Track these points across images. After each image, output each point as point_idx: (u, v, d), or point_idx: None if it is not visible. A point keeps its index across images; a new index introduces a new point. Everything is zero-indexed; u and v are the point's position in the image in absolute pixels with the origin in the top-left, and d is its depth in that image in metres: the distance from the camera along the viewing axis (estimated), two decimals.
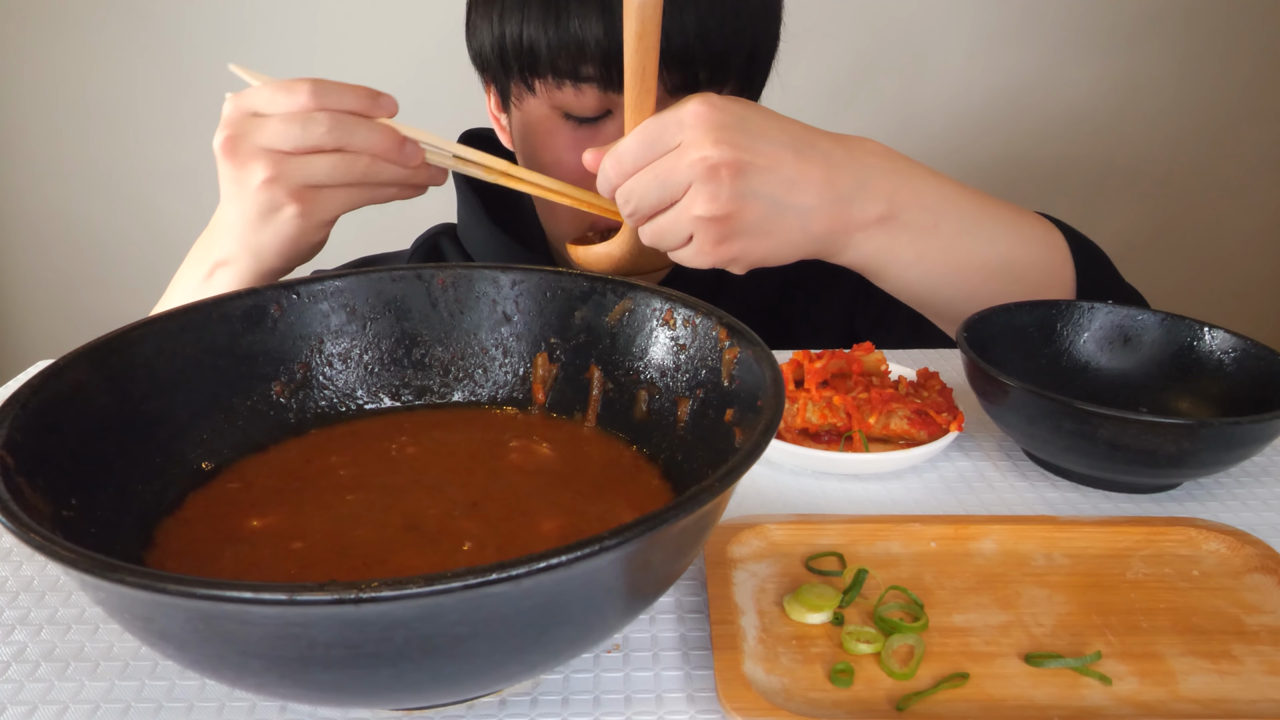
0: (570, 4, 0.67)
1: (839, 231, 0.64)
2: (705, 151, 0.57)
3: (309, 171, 0.61)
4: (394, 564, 0.39)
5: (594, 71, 0.68)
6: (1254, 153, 1.72)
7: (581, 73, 0.69)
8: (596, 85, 0.69)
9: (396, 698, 0.33)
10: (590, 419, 0.50)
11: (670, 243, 0.62)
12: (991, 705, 0.39)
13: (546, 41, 0.69)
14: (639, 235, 0.63)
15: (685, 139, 0.58)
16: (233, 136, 0.62)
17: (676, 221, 0.60)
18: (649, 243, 0.63)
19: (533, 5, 0.69)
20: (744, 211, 0.59)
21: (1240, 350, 0.60)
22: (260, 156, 0.61)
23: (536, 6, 0.69)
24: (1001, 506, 0.54)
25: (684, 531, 0.32)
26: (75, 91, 1.60)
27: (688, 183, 0.58)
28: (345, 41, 1.58)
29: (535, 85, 0.72)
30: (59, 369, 0.40)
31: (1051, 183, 1.70)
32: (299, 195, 0.62)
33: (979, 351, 0.57)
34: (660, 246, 0.63)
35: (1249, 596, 0.46)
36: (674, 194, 0.59)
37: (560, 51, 0.68)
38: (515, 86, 0.74)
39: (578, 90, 0.70)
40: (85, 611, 0.44)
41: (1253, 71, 1.66)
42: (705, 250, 0.61)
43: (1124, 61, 1.63)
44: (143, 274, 1.73)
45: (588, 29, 0.67)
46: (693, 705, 0.39)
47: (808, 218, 0.62)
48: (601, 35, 0.67)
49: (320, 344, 0.50)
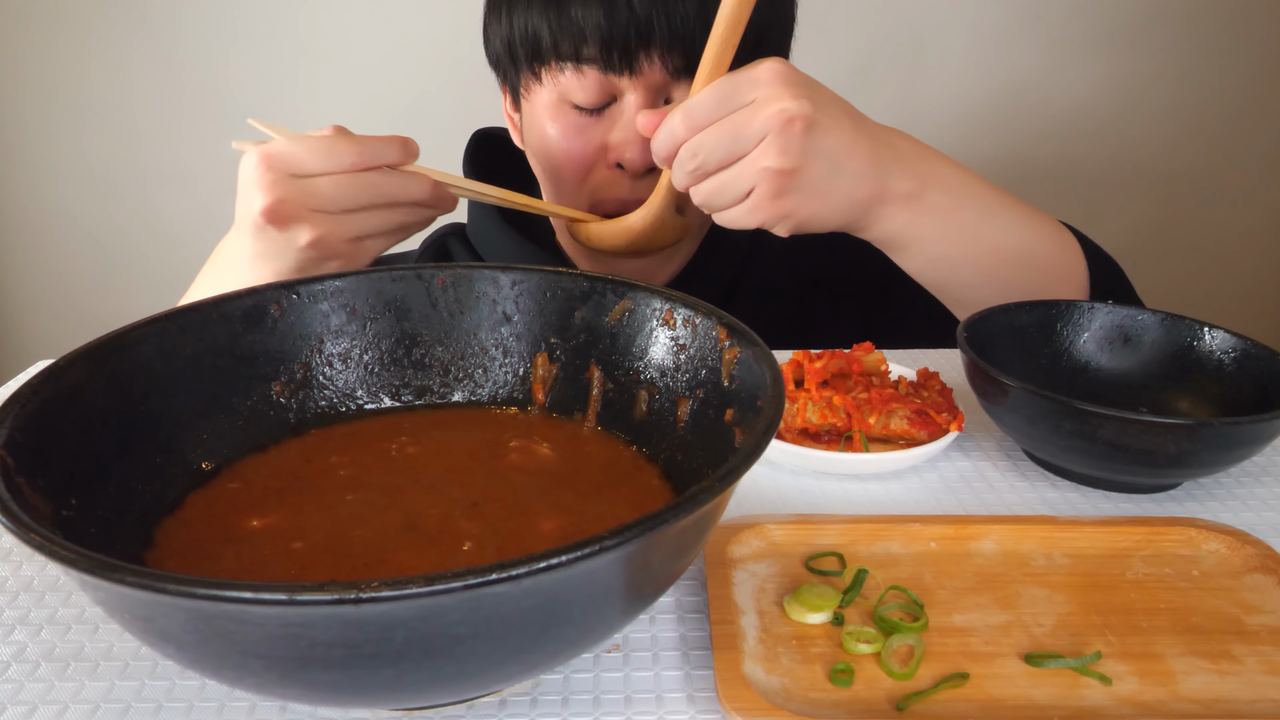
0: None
1: (875, 202, 0.66)
2: (785, 104, 0.59)
3: (358, 228, 0.63)
4: (394, 564, 0.39)
5: (595, 53, 0.70)
6: (1254, 153, 1.72)
7: (583, 54, 0.71)
8: (598, 67, 0.71)
9: (396, 698, 0.33)
10: (590, 419, 0.50)
11: (726, 199, 0.63)
12: (991, 705, 0.39)
13: (549, 29, 0.71)
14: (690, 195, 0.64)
15: (761, 95, 0.60)
16: (280, 200, 0.60)
17: (741, 175, 0.61)
18: (700, 200, 0.64)
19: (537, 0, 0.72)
20: (807, 168, 0.61)
21: (1240, 350, 0.60)
22: (308, 219, 0.61)
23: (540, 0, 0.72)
24: (1001, 506, 0.54)
25: (684, 531, 0.32)
26: (74, 92, 1.60)
27: (762, 135, 0.60)
28: (345, 42, 1.58)
29: (541, 74, 0.74)
30: (59, 369, 0.40)
31: (1051, 183, 1.70)
32: (345, 250, 0.64)
33: (979, 351, 0.57)
34: (712, 204, 0.64)
35: (1249, 596, 0.46)
36: (745, 147, 0.61)
37: (562, 37, 0.71)
38: (524, 79, 0.77)
39: (579, 74, 0.72)
40: (85, 611, 0.44)
41: (1253, 71, 1.66)
42: (761, 205, 0.62)
43: (1124, 61, 1.63)
44: (142, 274, 1.73)
45: (588, 15, 0.69)
46: (693, 705, 0.39)
47: (855, 183, 0.64)
48: (601, 19, 0.69)
49: (320, 344, 0.50)
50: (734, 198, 0.63)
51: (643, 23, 0.69)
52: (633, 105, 0.73)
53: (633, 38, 0.69)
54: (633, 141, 0.73)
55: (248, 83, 1.60)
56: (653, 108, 0.72)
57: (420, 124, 1.65)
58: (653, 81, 0.72)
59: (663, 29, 0.69)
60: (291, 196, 0.60)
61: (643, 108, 0.72)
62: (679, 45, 0.70)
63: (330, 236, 0.62)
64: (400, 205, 0.64)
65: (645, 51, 0.70)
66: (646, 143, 0.71)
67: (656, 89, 0.73)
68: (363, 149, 0.61)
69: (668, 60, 0.71)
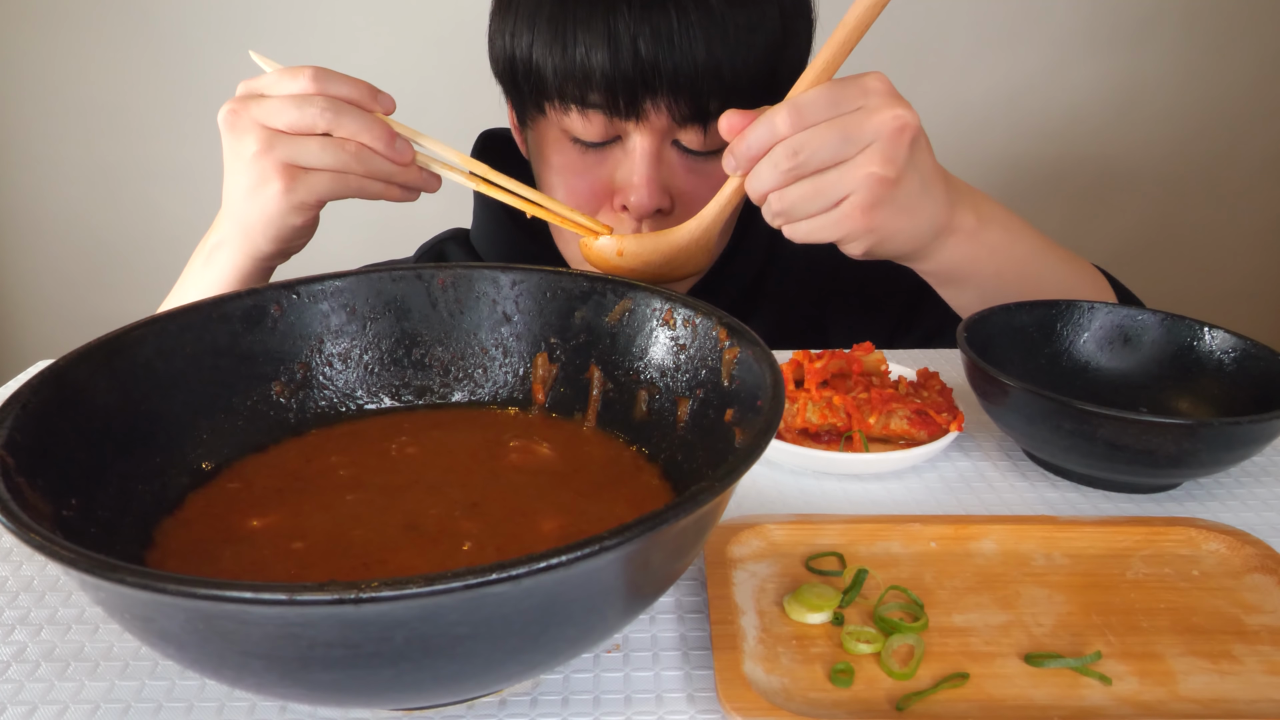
0: (576, 31, 0.67)
1: (943, 232, 0.65)
2: (899, 111, 0.59)
3: (297, 150, 0.62)
4: (394, 564, 0.39)
5: (600, 100, 0.69)
6: (1254, 153, 1.72)
7: (588, 100, 0.69)
8: (603, 113, 0.69)
9: (396, 698, 0.33)
10: (590, 419, 0.50)
11: (815, 206, 0.60)
12: (991, 705, 0.39)
13: (553, 67, 0.69)
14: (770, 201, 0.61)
15: (871, 103, 0.59)
16: (234, 110, 0.64)
17: (841, 179, 0.59)
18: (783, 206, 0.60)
19: (540, 28, 0.69)
20: (905, 181, 0.60)
21: (1240, 350, 0.60)
22: (254, 129, 0.63)
23: (544, 30, 0.69)
24: (1001, 506, 0.54)
25: (684, 531, 0.32)
26: (75, 91, 1.60)
27: (871, 140, 0.59)
28: (346, 42, 1.58)
29: (544, 107, 0.72)
30: (59, 369, 0.40)
31: (1051, 183, 1.70)
32: (285, 172, 0.63)
33: (979, 351, 0.57)
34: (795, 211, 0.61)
35: (1249, 596, 0.46)
36: (851, 151, 0.59)
37: (566, 79, 0.69)
38: (528, 106, 0.75)
39: (584, 117, 0.70)
40: (85, 611, 0.44)
41: (1253, 72, 1.66)
42: (851, 215, 0.60)
43: (1124, 62, 1.63)
44: (143, 274, 1.73)
45: (594, 57, 0.67)
46: (693, 705, 0.39)
47: (935, 208, 0.64)
48: (606, 64, 0.67)
49: (320, 344, 0.50)
50: (824, 205, 0.60)
51: (648, 68, 0.67)
52: (638, 147, 0.71)
53: (638, 84, 0.67)
54: (638, 185, 0.71)
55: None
56: (658, 150, 0.71)
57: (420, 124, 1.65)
58: (659, 126, 0.70)
59: (669, 74, 0.67)
60: (246, 108, 0.63)
61: (648, 151, 0.71)
62: (686, 92, 0.68)
63: (271, 152, 0.62)
64: (346, 142, 0.62)
65: (651, 98, 0.68)
66: (653, 186, 0.71)
67: (663, 133, 0.71)
68: (319, 75, 0.62)
69: (675, 108, 0.69)
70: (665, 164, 0.72)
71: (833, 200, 0.60)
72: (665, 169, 0.72)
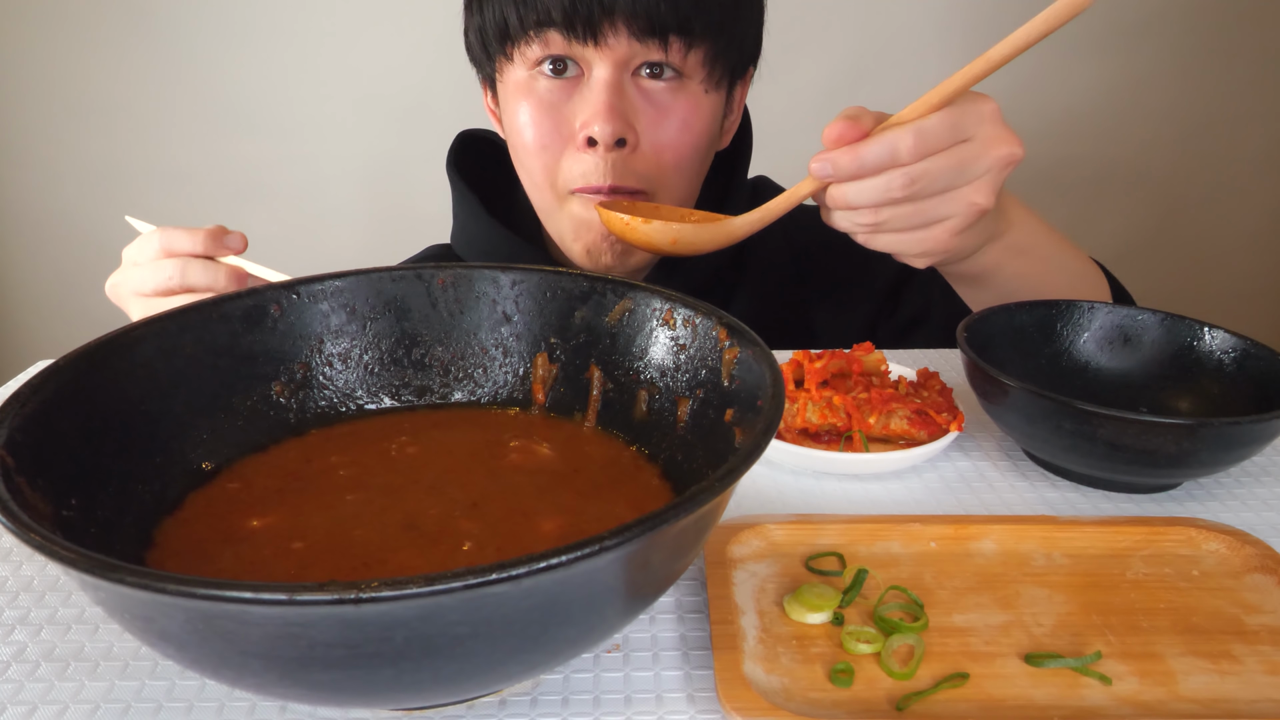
0: None
1: (985, 238, 0.67)
2: (1013, 149, 0.60)
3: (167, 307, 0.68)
4: (394, 564, 0.39)
5: (560, 20, 0.72)
6: (1254, 153, 1.72)
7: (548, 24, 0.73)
8: (562, 35, 0.73)
9: (396, 698, 0.33)
10: (590, 419, 0.50)
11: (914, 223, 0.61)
12: (991, 705, 0.39)
13: (516, 10, 0.74)
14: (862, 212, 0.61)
15: (985, 132, 0.60)
16: (113, 283, 0.72)
17: (944, 206, 0.60)
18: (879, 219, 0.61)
19: None
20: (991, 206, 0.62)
21: (1240, 350, 0.60)
22: (132, 300, 0.70)
23: None
24: (1001, 506, 0.54)
25: (684, 531, 0.32)
26: (74, 91, 1.60)
27: (983, 174, 0.60)
28: (344, 42, 1.58)
29: (512, 54, 0.77)
30: (59, 369, 0.40)
31: (1051, 183, 1.70)
32: None
33: (979, 351, 0.57)
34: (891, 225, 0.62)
35: (1249, 596, 0.46)
36: (962, 181, 0.60)
37: (527, 12, 0.74)
38: (498, 64, 0.79)
39: (544, 45, 0.74)
40: (85, 611, 0.44)
41: (1253, 71, 1.66)
42: (942, 237, 0.62)
43: (1124, 61, 1.63)
44: None
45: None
46: (693, 705, 0.39)
47: (994, 223, 0.67)
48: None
49: (320, 344, 0.50)
50: (919, 224, 0.61)
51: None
52: (599, 76, 0.74)
53: (596, 7, 0.71)
54: (601, 113, 0.74)
55: (248, 83, 1.60)
56: (619, 81, 0.74)
57: (419, 124, 1.65)
58: (619, 55, 0.73)
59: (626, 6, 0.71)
60: (120, 281, 0.70)
61: (609, 81, 0.74)
62: (642, 10, 0.71)
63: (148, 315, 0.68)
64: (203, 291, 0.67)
65: (609, 20, 0.72)
66: (614, 113, 0.74)
67: (623, 62, 0.74)
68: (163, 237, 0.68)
69: (632, 25, 0.72)
70: (625, 97, 0.75)
71: (930, 222, 0.61)
72: (626, 101, 0.75)
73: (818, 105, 1.61)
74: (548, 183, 0.79)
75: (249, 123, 1.61)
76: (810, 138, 0.93)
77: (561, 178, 0.78)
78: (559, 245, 0.85)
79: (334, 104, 1.62)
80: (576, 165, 0.77)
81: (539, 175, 0.79)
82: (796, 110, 1.59)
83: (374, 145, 1.64)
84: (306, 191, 1.67)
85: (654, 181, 0.78)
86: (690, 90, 0.77)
